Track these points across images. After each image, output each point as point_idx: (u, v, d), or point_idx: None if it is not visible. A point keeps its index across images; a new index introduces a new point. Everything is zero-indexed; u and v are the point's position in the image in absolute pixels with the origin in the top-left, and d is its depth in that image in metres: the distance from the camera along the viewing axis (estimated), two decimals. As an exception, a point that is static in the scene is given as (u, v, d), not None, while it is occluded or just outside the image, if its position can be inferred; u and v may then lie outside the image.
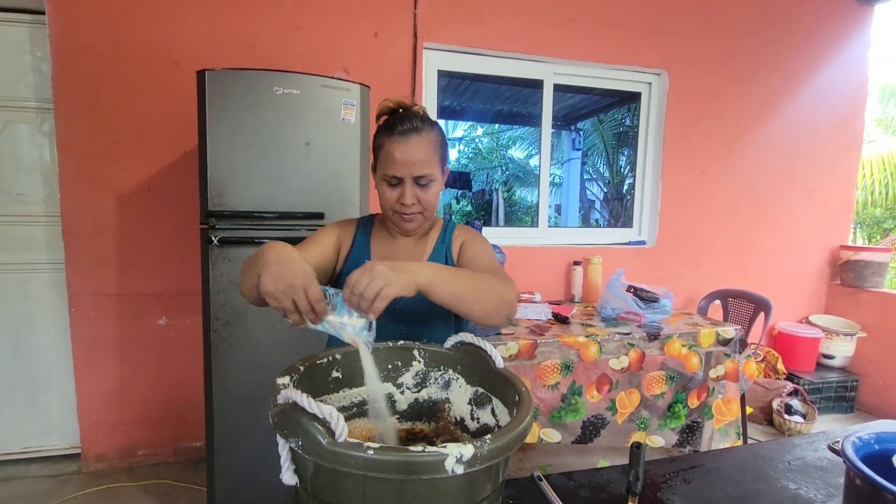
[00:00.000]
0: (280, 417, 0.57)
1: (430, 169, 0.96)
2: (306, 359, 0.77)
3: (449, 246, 1.08)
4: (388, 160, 0.96)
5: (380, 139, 0.98)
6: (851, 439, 0.74)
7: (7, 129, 2.16)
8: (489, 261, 1.05)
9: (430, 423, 0.88)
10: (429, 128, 0.97)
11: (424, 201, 0.98)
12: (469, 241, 1.09)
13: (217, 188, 1.65)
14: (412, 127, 0.95)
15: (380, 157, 0.98)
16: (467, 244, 1.08)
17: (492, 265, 1.04)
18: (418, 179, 0.96)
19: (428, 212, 1.01)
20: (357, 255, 1.05)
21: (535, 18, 2.62)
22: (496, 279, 0.93)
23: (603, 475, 0.99)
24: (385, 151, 0.96)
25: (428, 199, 0.98)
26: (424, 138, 0.95)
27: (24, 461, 2.29)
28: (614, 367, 2.01)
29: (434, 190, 0.99)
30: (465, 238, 1.09)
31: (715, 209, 3.10)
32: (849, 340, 3.16)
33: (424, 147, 0.95)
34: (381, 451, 0.51)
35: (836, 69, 3.24)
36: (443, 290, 0.81)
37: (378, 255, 1.05)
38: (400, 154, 0.94)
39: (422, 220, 1.02)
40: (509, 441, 0.57)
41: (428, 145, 0.96)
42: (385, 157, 0.96)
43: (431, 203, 1.00)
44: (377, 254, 1.06)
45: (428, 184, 0.97)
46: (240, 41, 2.23)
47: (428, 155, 0.96)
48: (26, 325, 2.25)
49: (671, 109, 2.93)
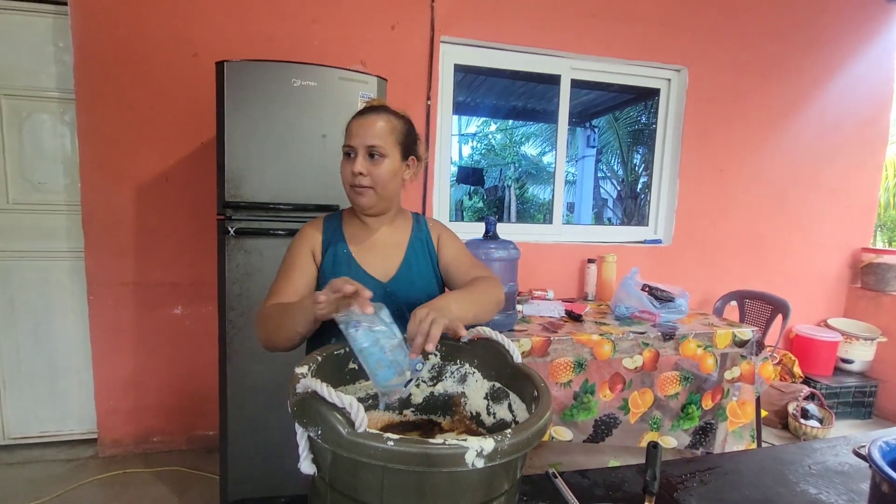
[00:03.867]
0: (300, 406, 0.57)
1: (382, 142, 1.01)
2: (324, 349, 0.77)
3: (428, 236, 1.14)
4: (347, 135, 1.03)
5: (350, 116, 1.05)
6: (879, 444, 0.72)
7: (30, 119, 2.19)
8: (470, 258, 1.15)
9: (445, 416, 0.88)
10: (392, 114, 1.05)
11: (375, 175, 1.01)
12: (445, 236, 1.16)
13: (234, 179, 1.66)
14: (373, 109, 1.04)
15: (347, 131, 1.04)
16: (444, 239, 1.15)
17: (474, 263, 1.14)
18: (370, 150, 1.00)
19: (380, 188, 1.03)
20: (333, 247, 1.07)
21: (552, 12, 2.59)
22: (489, 285, 1.03)
23: (618, 474, 0.97)
24: (347, 129, 1.03)
25: (379, 173, 1.01)
26: (383, 118, 1.02)
27: (42, 445, 2.34)
28: (628, 367, 1.98)
29: (386, 167, 1.02)
30: (441, 232, 1.16)
31: (733, 209, 3.04)
32: (868, 345, 3.09)
33: (380, 124, 1.01)
34: (401, 443, 0.51)
35: (861, 68, 3.15)
36: (465, 317, 0.90)
37: (354, 243, 1.08)
38: (355, 128, 1.01)
39: (375, 197, 1.03)
40: (530, 436, 0.56)
41: (385, 123, 1.02)
42: (345, 134, 1.03)
43: (383, 178, 1.02)
44: (353, 241, 1.08)
45: (380, 159, 1.01)
46: (257, 33, 2.23)
47: (383, 132, 1.01)
48: (46, 312, 2.29)
49: (690, 106, 2.88)
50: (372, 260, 1.07)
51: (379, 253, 1.08)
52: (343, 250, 1.06)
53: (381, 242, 1.10)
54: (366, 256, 1.07)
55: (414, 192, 2.50)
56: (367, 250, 1.07)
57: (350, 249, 1.06)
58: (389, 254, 1.09)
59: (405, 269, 1.08)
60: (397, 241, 1.11)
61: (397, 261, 1.09)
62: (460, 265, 1.12)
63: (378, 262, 1.07)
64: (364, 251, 1.07)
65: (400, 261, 1.09)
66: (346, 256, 1.05)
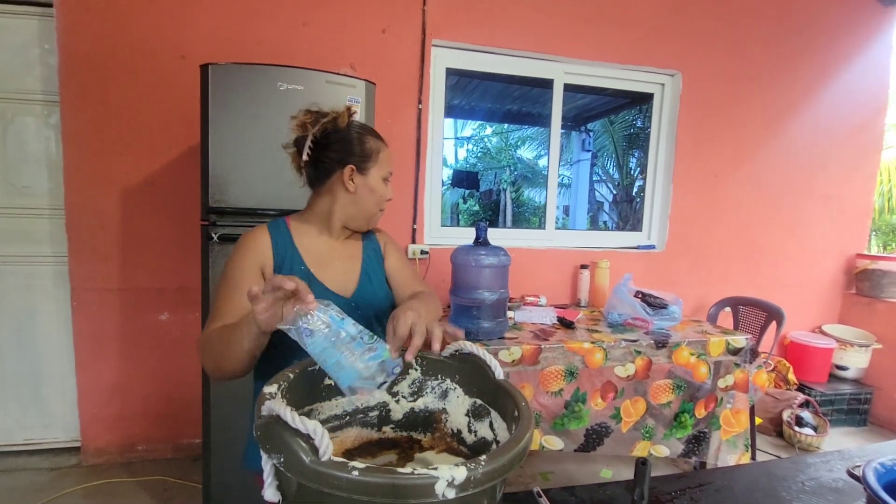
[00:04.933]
0: (263, 431, 0.54)
1: None
2: (297, 366, 0.74)
3: (376, 245, 1.15)
4: (390, 160, 1.09)
5: (376, 142, 1.06)
6: (874, 465, 0.70)
7: (14, 122, 2.16)
8: (411, 270, 1.19)
9: (426, 433, 0.85)
10: None
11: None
12: (390, 245, 1.18)
13: (218, 184, 1.63)
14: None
15: (381, 158, 1.06)
16: (389, 248, 1.17)
17: (415, 275, 1.19)
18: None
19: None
20: (288, 264, 0.99)
21: (546, 17, 2.57)
22: (433, 300, 1.07)
23: (606, 491, 0.94)
24: (386, 154, 1.08)
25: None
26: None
27: (26, 453, 2.29)
28: (620, 375, 1.96)
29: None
30: (387, 240, 1.18)
31: (727, 214, 3.03)
32: (863, 352, 3.08)
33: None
34: (366, 473, 0.48)
35: (856, 72, 3.15)
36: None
37: (312, 258, 1.02)
38: (390, 157, 1.09)
39: None
40: (505, 463, 0.53)
41: None
42: (385, 159, 1.07)
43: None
44: (311, 257, 1.02)
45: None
46: (247, 36, 2.21)
47: None
48: (29, 318, 2.25)
49: (684, 111, 2.87)
50: (331, 275, 1.02)
51: (337, 267, 1.05)
52: (300, 267, 0.99)
53: (338, 255, 1.06)
54: (325, 272, 1.02)
55: (405, 195, 2.47)
56: (325, 266, 1.03)
57: (307, 266, 1.00)
58: (347, 267, 1.06)
59: (365, 280, 1.07)
60: (352, 252, 1.09)
61: (356, 274, 1.06)
62: (403, 276, 1.14)
63: (338, 277, 1.03)
64: (322, 267, 1.02)
65: (358, 273, 1.07)
66: (305, 274, 0.99)
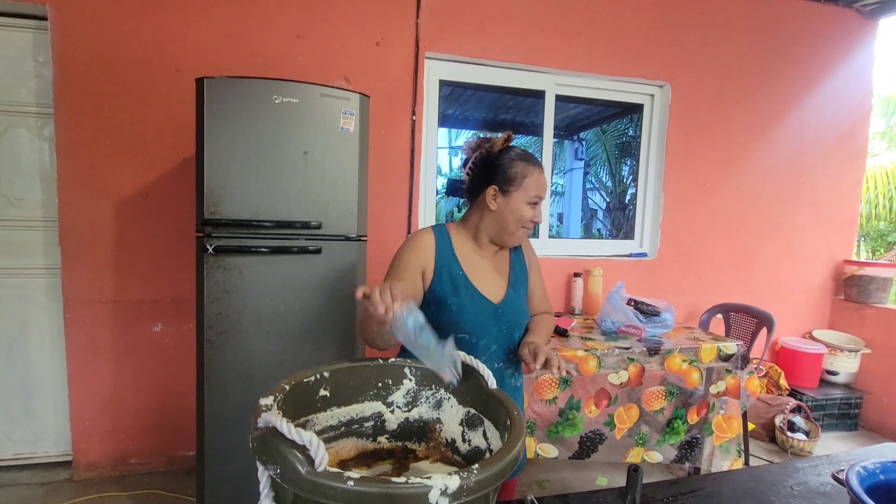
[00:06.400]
0: (259, 443, 0.55)
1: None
2: (292, 377, 0.75)
3: (523, 262, 1.28)
4: (537, 186, 1.17)
5: (524, 167, 1.15)
6: (856, 469, 0.72)
7: (7, 134, 2.16)
8: (542, 289, 1.34)
9: (420, 443, 0.86)
10: None
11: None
12: (533, 263, 1.32)
13: (213, 196, 1.64)
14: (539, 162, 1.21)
15: (526, 183, 1.15)
16: (532, 269, 1.31)
17: (544, 295, 1.34)
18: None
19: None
20: (448, 268, 1.15)
21: (537, 29, 2.62)
22: (549, 324, 1.31)
23: (599, 498, 0.96)
24: (534, 179, 1.16)
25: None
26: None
27: (16, 468, 2.26)
28: (613, 382, 1.97)
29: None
30: (530, 255, 1.32)
31: (717, 222, 3.07)
32: (853, 357, 3.12)
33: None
34: (361, 483, 0.49)
35: (840, 82, 3.22)
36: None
37: (468, 265, 1.17)
38: (542, 183, 1.18)
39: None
40: (498, 471, 0.55)
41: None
42: (534, 184, 1.16)
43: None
44: (467, 266, 1.17)
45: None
46: (241, 49, 2.23)
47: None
48: (21, 330, 2.23)
49: (674, 121, 2.92)
50: (484, 284, 1.17)
51: (489, 278, 1.19)
52: (458, 272, 1.15)
53: (489, 265, 1.21)
54: (479, 279, 1.17)
55: (399, 205, 2.49)
56: (478, 273, 1.18)
57: (464, 271, 1.16)
58: (497, 277, 1.21)
59: (512, 293, 1.20)
60: (501, 267, 1.23)
61: (504, 285, 1.21)
62: (535, 296, 1.31)
63: (489, 286, 1.18)
64: (476, 274, 1.17)
65: (506, 286, 1.21)
66: (463, 279, 1.14)
